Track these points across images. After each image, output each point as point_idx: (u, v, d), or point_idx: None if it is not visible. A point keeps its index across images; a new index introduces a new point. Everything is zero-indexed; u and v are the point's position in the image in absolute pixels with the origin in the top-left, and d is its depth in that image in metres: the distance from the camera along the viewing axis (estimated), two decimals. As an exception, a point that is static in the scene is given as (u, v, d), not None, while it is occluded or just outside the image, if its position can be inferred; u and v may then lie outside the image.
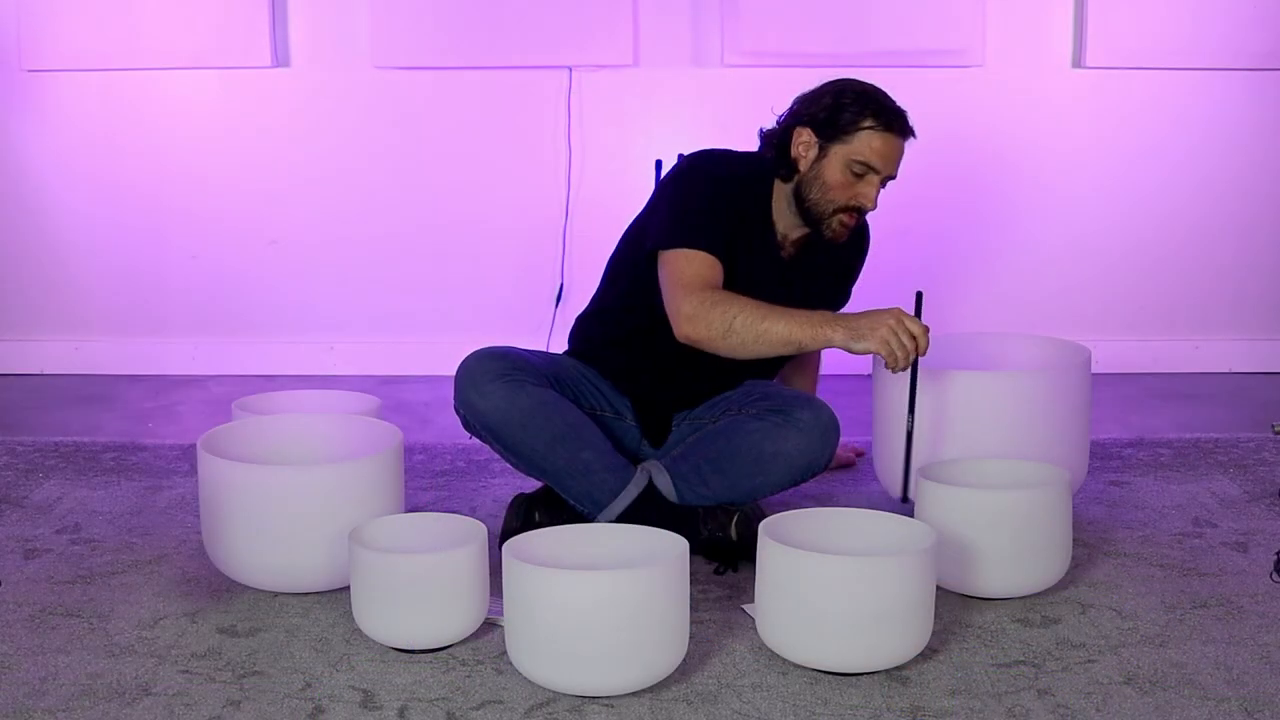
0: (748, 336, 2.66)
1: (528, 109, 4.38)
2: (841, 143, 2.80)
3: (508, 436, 2.75)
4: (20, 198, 4.46)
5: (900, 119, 2.81)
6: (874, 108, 2.80)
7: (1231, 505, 3.11)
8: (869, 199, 2.82)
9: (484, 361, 2.76)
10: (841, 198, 2.81)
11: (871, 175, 2.81)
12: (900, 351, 2.58)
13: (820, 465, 2.81)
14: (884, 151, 2.79)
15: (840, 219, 2.83)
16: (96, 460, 3.49)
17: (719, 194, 2.82)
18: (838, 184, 2.81)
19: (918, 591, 2.26)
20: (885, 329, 2.59)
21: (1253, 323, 4.50)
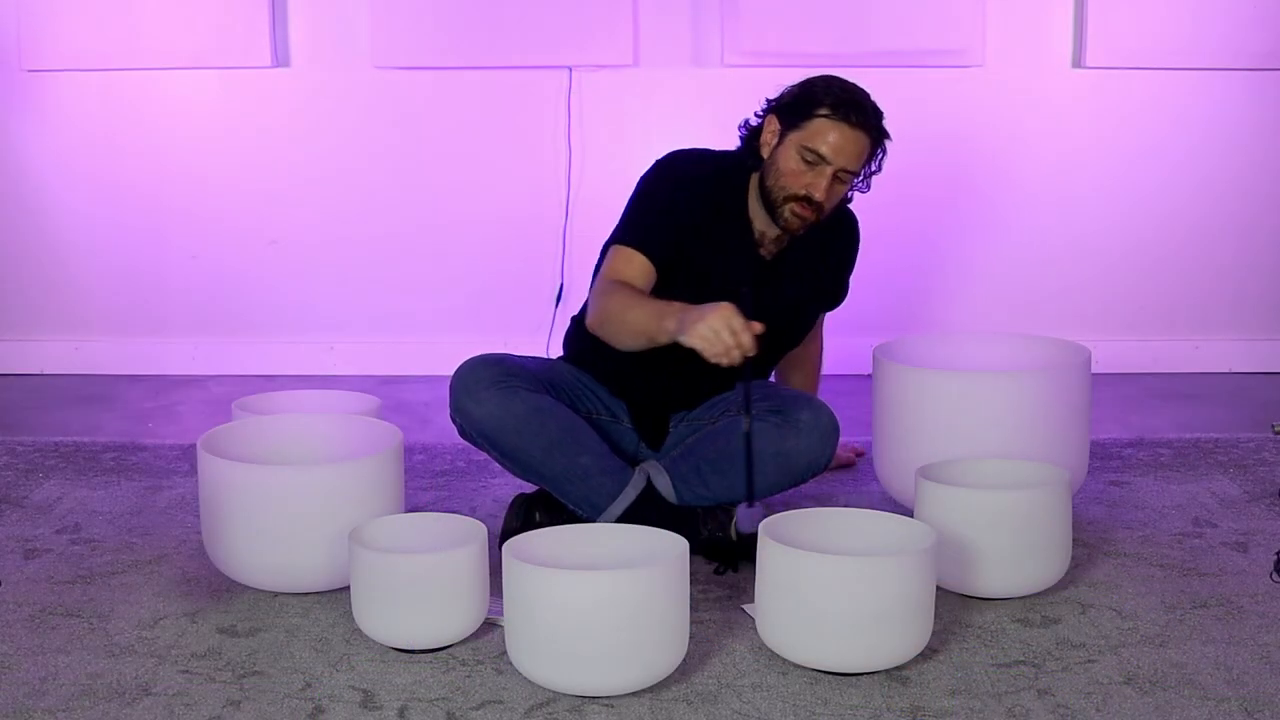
0: (615, 326, 2.69)
1: (528, 109, 4.38)
2: (797, 129, 2.77)
3: (504, 443, 2.75)
4: (20, 198, 4.46)
5: (857, 110, 2.75)
6: (833, 97, 2.76)
7: (1231, 505, 3.11)
8: (818, 189, 2.75)
9: (478, 369, 2.76)
10: (792, 185, 2.77)
11: (823, 165, 2.75)
12: (719, 346, 2.50)
13: (820, 465, 2.81)
14: (835, 141, 2.74)
15: (792, 208, 2.79)
16: (96, 460, 3.49)
17: (679, 196, 2.82)
18: (790, 171, 2.77)
19: (918, 591, 2.26)
20: (705, 323, 2.50)
21: (1253, 323, 4.50)
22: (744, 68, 4.29)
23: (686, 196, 2.83)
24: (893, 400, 2.96)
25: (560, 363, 2.99)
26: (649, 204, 2.84)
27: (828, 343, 3.34)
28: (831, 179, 2.77)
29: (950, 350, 3.20)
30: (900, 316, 4.41)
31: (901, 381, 2.94)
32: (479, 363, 2.78)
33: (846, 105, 2.75)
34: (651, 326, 2.61)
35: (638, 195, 2.88)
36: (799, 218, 2.80)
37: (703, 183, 2.85)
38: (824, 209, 2.80)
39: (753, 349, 2.52)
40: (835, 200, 2.82)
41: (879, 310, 4.42)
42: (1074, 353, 3.04)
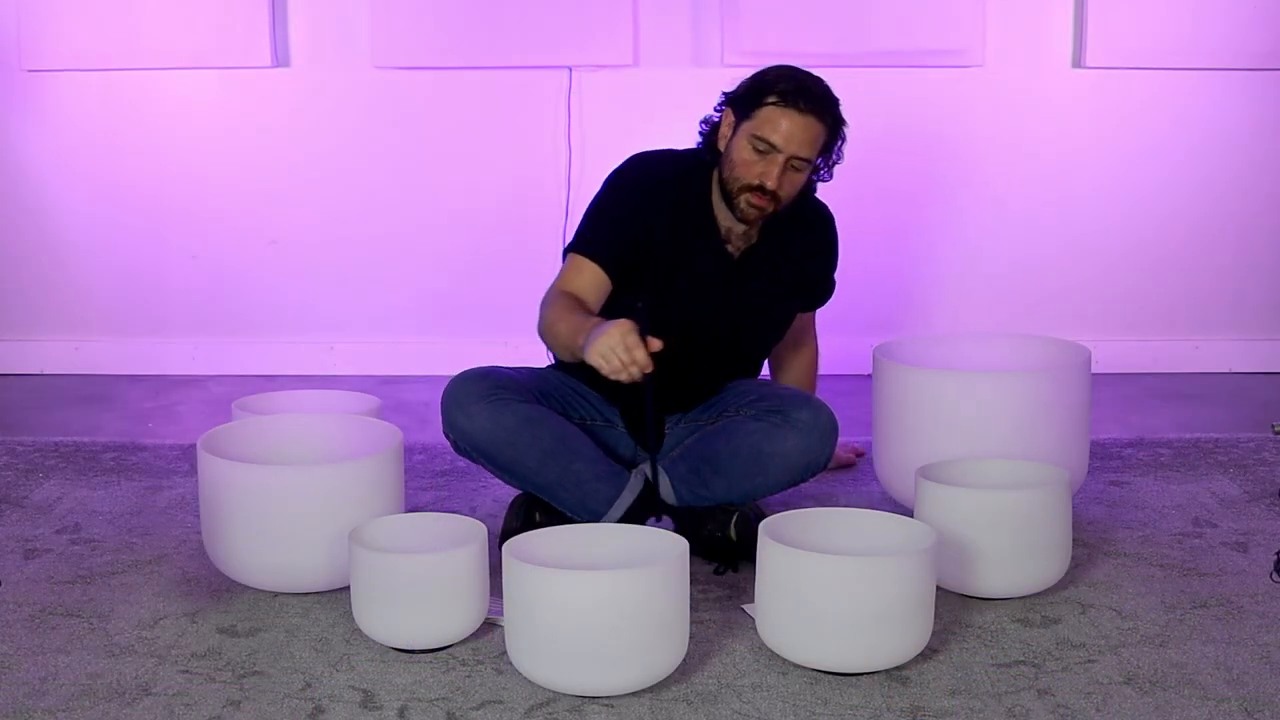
0: (550, 337, 2.74)
1: (528, 109, 4.38)
2: (749, 119, 2.76)
3: (498, 456, 2.74)
4: (20, 198, 4.46)
5: (805, 96, 2.73)
6: (781, 84, 2.75)
7: (1231, 505, 3.11)
8: (770, 177, 2.73)
9: (466, 384, 2.75)
10: (746, 175, 2.76)
11: (774, 153, 2.73)
12: (614, 363, 2.50)
13: (819, 465, 2.81)
14: (784, 128, 2.72)
15: (747, 199, 2.77)
16: (96, 460, 3.49)
17: (638, 201, 2.82)
18: (743, 161, 2.76)
19: (918, 591, 2.26)
20: (601, 341, 2.51)
21: (1253, 323, 4.50)
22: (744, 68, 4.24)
23: (646, 200, 2.82)
24: (893, 400, 2.96)
25: (550, 370, 2.98)
26: (604, 211, 2.86)
27: (827, 343, 3.34)
28: (784, 167, 2.74)
29: (950, 350, 3.20)
30: (900, 316, 4.41)
31: (901, 381, 2.94)
32: (467, 378, 2.77)
33: (795, 92, 2.73)
34: (572, 342, 2.64)
35: (594, 202, 2.89)
36: (755, 208, 2.78)
37: (663, 184, 2.84)
38: (780, 198, 2.78)
39: (649, 365, 2.52)
40: (793, 189, 2.80)
41: (879, 310, 4.42)
42: (1074, 353, 3.04)
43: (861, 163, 4.35)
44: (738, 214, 2.81)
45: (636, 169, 2.89)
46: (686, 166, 2.88)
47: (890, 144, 4.38)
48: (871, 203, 4.39)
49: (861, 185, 4.36)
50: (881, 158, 4.38)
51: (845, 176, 4.30)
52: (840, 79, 4.23)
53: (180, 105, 4.41)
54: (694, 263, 2.85)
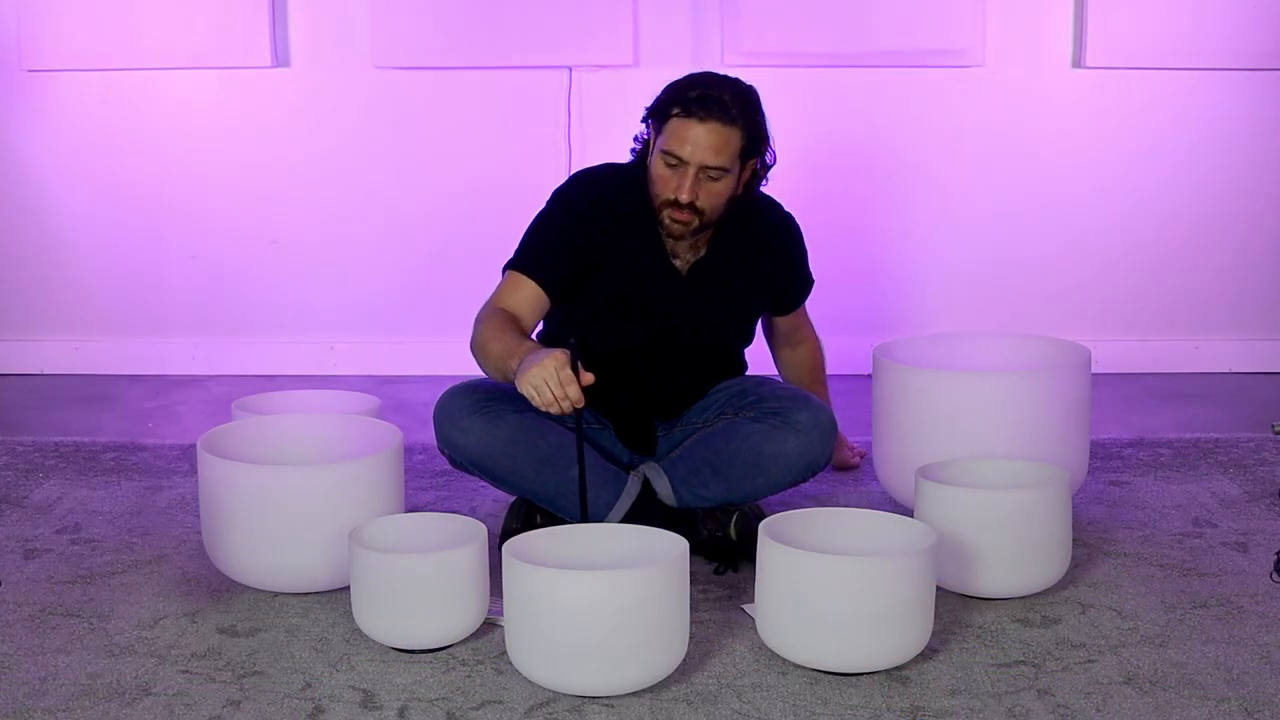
0: (480, 355, 2.69)
1: (528, 109, 4.38)
2: (660, 134, 2.73)
3: (494, 467, 2.74)
4: (20, 198, 4.46)
5: (704, 104, 2.66)
6: (681, 95, 2.69)
7: (1231, 505, 3.11)
8: (682, 190, 2.68)
9: (458, 398, 2.75)
10: (664, 191, 2.73)
11: (683, 166, 2.68)
12: (545, 396, 2.47)
13: (819, 466, 2.81)
14: (688, 139, 2.66)
15: (669, 214, 2.73)
16: (96, 460, 3.49)
17: (576, 220, 2.79)
18: (660, 178, 2.73)
19: (918, 591, 2.26)
20: (532, 373, 2.48)
21: (1253, 323, 4.50)
22: (744, 68, 4.26)
23: (590, 219, 2.80)
24: (893, 400, 2.96)
25: None
26: (545, 229, 2.83)
27: (828, 342, 3.33)
28: (695, 178, 2.69)
29: (950, 350, 3.20)
30: (900, 316, 4.41)
31: (901, 381, 2.94)
32: (459, 392, 2.77)
33: (696, 101, 2.67)
34: (503, 365, 2.61)
35: (536, 219, 2.86)
36: (679, 223, 2.74)
37: (606, 202, 2.81)
38: (703, 210, 2.73)
39: (580, 401, 2.49)
40: (714, 199, 2.73)
41: (879, 310, 4.42)
42: (1074, 353, 3.04)
43: (861, 162, 4.37)
44: (664, 230, 2.77)
45: (579, 186, 2.87)
46: (629, 182, 2.83)
47: (890, 144, 4.38)
48: (871, 203, 4.39)
49: (861, 185, 4.37)
50: (881, 158, 4.38)
51: (845, 177, 4.33)
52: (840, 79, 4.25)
53: (180, 105, 4.40)
54: (642, 280, 2.82)
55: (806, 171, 3.03)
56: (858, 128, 4.36)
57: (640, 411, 2.94)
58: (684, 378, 2.93)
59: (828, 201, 3.14)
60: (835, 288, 3.17)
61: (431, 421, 2.79)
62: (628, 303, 2.83)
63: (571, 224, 2.81)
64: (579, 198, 2.84)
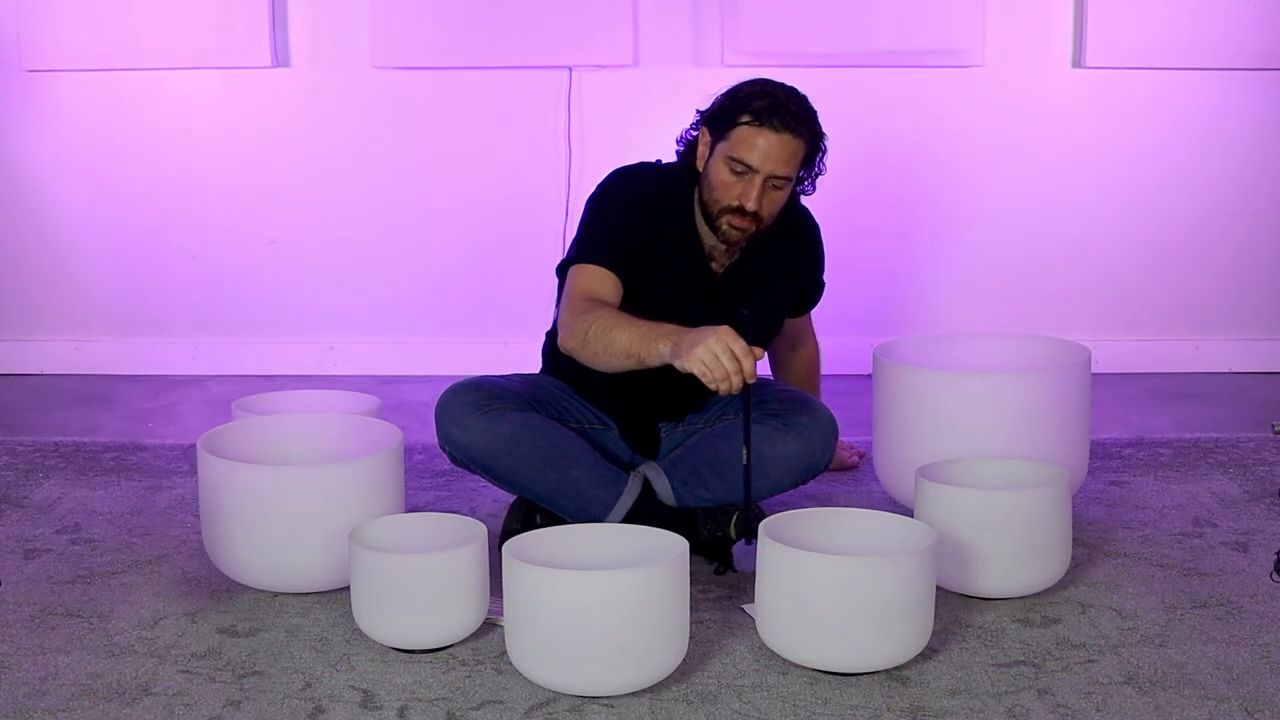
0: (598, 346, 2.60)
1: (528, 109, 4.38)
2: (725, 140, 2.71)
3: (495, 466, 2.73)
4: (20, 198, 4.46)
5: (779, 114, 2.66)
6: (754, 103, 2.68)
7: (1231, 505, 3.11)
8: (749, 198, 2.67)
9: (460, 395, 2.74)
10: (726, 198, 2.71)
11: (751, 174, 2.68)
12: (719, 371, 2.43)
13: (819, 467, 2.81)
14: (760, 147, 2.66)
15: (729, 221, 2.73)
16: (96, 460, 3.49)
17: (626, 212, 2.78)
18: (722, 184, 2.71)
19: (918, 591, 2.26)
20: (704, 348, 2.43)
21: (1253, 323, 4.50)
22: (744, 68, 4.26)
23: (637, 211, 2.79)
24: (893, 400, 2.96)
25: (542, 376, 2.97)
26: (604, 221, 2.80)
27: (827, 342, 3.34)
28: (762, 187, 2.69)
29: (950, 350, 3.20)
30: (900, 316, 4.41)
31: (901, 381, 2.94)
32: (460, 389, 2.76)
33: (768, 110, 2.67)
34: (640, 349, 2.55)
35: (590, 214, 2.84)
36: (737, 230, 2.74)
37: (647, 200, 2.80)
38: (762, 218, 2.73)
39: (753, 376, 2.46)
40: (774, 207, 2.75)
41: (879, 310, 4.43)
42: (1074, 353, 3.04)
43: (861, 163, 4.37)
44: (720, 236, 2.77)
45: (624, 182, 2.85)
46: (669, 182, 2.83)
47: (890, 144, 4.38)
48: (871, 203, 4.39)
49: (861, 185, 4.37)
50: (881, 158, 4.38)
51: (845, 177, 4.32)
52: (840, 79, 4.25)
53: (180, 105, 4.41)
54: (677, 280, 2.82)
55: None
56: (858, 128, 4.36)
57: (647, 413, 2.94)
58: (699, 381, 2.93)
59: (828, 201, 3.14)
60: (835, 288, 3.17)
61: (431, 421, 2.79)
62: (659, 300, 2.80)
63: (627, 214, 2.79)
64: (627, 191, 2.82)
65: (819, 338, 3.28)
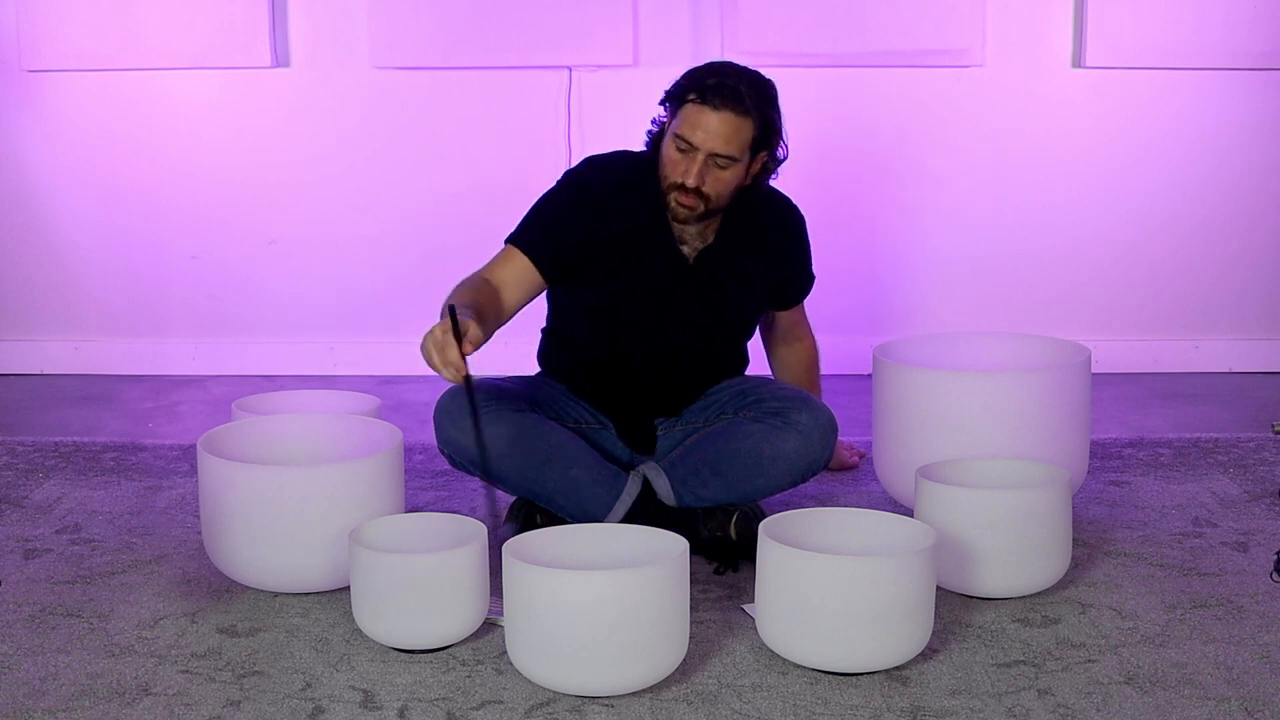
0: None
1: (528, 109, 4.38)
2: (674, 118, 2.76)
3: (494, 468, 2.73)
4: (20, 198, 4.46)
5: (722, 93, 2.69)
6: (698, 82, 2.72)
7: (1231, 505, 3.11)
8: (690, 175, 2.71)
9: (459, 397, 2.73)
10: (672, 174, 2.75)
11: (694, 151, 2.71)
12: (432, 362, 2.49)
13: (819, 466, 2.81)
14: (702, 125, 2.69)
15: (675, 197, 2.76)
16: (96, 460, 3.49)
17: (581, 203, 2.81)
18: (669, 160, 2.76)
19: (918, 591, 2.26)
20: (424, 341, 2.52)
21: (1253, 323, 4.50)
22: (744, 68, 4.29)
23: (595, 202, 2.81)
24: (893, 400, 2.96)
25: (539, 377, 2.98)
26: (549, 208, 2.85)
27: (827, 342, 3.33)
28: (703, 164, 2.72)
29: (950, 350, 3.20)
30: (900, 316, 4.41)
31: (901, 381, 2.94)
32: (460, 391, 2.76)
33: (713, 89, 2.70)
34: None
35: (542, 198, 2.87)
36: (684, 207, 2.76)
37: (615, 186, 2.83)
38: (709, 196, 2.75)
39: (462, 366, 2.48)
40: (721, 186, 2.75)
41: (879, 310, 4.43)
42: (1074, 353, 3.04)
43: (861, 162, 4.37)
44: (670, 213, 2.79)
45: (589, 171, 2.88)
46: (639, 168, 2.85)
47: (890, 144, 4.38)
48: (871, 202, 4.39)
49: (861, 185, 4.37)
50: (881, 157, 4.38)
51: (845, 176, 4.33)
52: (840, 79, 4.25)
53: (180, 105, 4.41)
54: (647, 264, 2.83)
55: (806, 171, 3.04)
56: (858, 128, 4.36)
57: (642, 408, 2.94)
58: (686, 370, 2.93)
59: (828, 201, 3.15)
60: (835, 287, 3.17)
61: (431, 421, 2.79)
62: (633, 289, 2.83)
63: (578, 206, 2.82)
64: (589, 181, 2.85)
65: (819, 337, 3.27)
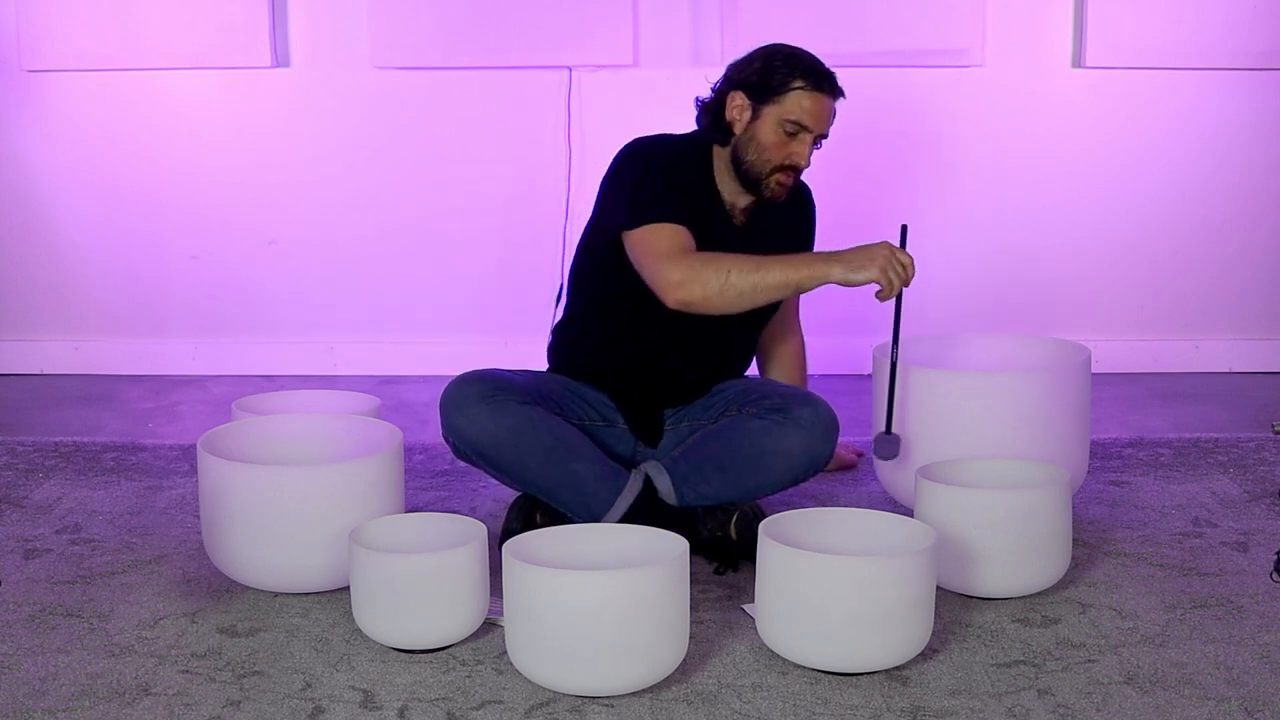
0: (745, 286, 2.69)
1: (528, 109, 4.38)
2: (773, 104, 2.86)
3: (497, 458, 2.74)
4: (20, 198, 4.46)
5: (829, 79, 2.87)
6: (803, 69, 2.87)
7: (1231, 505, 3.11)
8: (802, 156, 2.88)
9: (465, 386, 2.75)
10: (777, 157, 2.87)
11: (804, 134, 2.86)
12: (896, 279, 2.68)
13: (821, 462, 2.81)
14: (814, 110, 2.85)
15: (777, 178, 2.88)
16: (96, 460, 3.49)
17: (666, 169, 2.88)
18: (772, 144, 2.86)
19: (918, 591, 2.26)
20: (881, 259, 2.67)
21: (1253, 323, 4.50)
22: (744, 68, 4.29)
23: (670, 170, 2.89)
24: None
25: (546, 374, 2.99)
26: (646, 181, 2.85)
27: (828, 342, 3.34)
28: (812, 146, 2.89)
29: (950, 350, 3.21)
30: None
31: (902, 381, 2.94)
32: (465, 380, 2.77)
33: (817, 75, 2.86)
34: (799, 276, 2.68)
35: (626, 180, 2.87)
36: (783, 186, 2.90)
37: (674, 159, 2.92)
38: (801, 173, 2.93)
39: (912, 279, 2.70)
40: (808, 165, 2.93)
41: (879, 310, 4.41)
42: (1074, 353, 3.04)
43: (861, 162, 4.37)
44: (767, 193, 2.90)
45: (646, 147, 2.93)
46: (685, 145, 2.95)
47: (890, 144, 4.38)
48: (871, 202, 4.39)
49: (861, 185, 4.37)
50: (881, 157, 4.39)
51: (845, 176, 4.33)
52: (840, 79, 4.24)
53: (180, 105, 4.41)
54: (708, 235, 2.85)
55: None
56: (857, 128, 4.35)
57: (653, 399, 2.95)
58: (708, 352, 2.94)
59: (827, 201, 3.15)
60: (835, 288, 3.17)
61: (431, 421, 2.80)
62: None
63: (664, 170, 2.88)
64: (656, 152, 2.92)
65: (820, 337, 3.28)
